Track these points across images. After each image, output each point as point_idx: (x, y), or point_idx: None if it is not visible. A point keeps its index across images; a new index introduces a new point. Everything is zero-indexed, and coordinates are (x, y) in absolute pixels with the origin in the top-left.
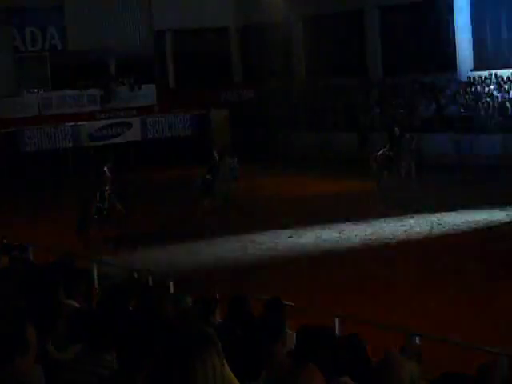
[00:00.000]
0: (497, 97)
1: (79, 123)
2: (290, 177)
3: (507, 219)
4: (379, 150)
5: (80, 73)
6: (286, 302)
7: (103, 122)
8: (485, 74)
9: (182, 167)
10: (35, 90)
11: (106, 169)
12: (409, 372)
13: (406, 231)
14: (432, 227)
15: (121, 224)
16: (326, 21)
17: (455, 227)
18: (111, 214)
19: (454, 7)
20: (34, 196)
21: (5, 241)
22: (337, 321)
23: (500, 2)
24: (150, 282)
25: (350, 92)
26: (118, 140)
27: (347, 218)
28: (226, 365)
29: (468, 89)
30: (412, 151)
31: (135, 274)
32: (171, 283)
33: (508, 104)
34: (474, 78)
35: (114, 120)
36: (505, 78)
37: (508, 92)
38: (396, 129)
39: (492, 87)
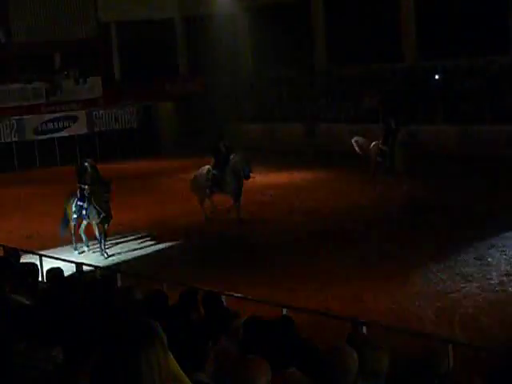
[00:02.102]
0: (442, 87)
1: (24, 117)
2: None
3: None
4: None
5: (24, 66)
6: (228, 293)
7: (48, 116)
8: (430, 64)
9: (130, 160)
10: None
11: (87, 164)
12: (356, 362)
13: None
14: None
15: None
16: (272, 11)
17: None
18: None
19: None
20: None
21: None
22: (284, 311)
23: None
24: (98, 276)
25: (296, 83)
26: (63, 134)
27: None
28: (171, 356)
29: (413, 79)
30: (407, 145)
31: (82, 268)
32: (119, 277)
33: (452, 94)
34: (419, 67)
35: (60, 114)
36: (450, 69)
37: (452, 82)
38: (392, 121)
39: (437, 77)
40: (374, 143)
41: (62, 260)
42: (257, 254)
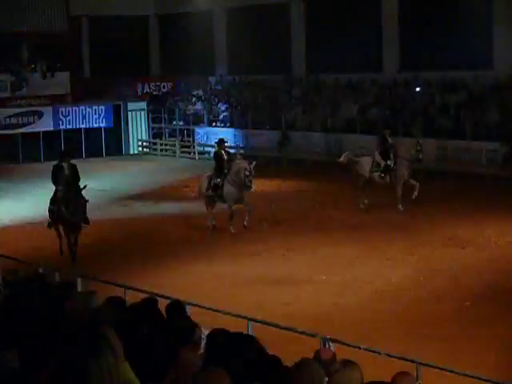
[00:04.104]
0: (420, 100)
1: None
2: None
3: None
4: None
5: None
6: (197, 303)
7: (12, 110)
8: (410, 75)
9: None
10: None
11: (65, 165)
12: (324, 379)
13: None
14: None
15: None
16: (251, 13)
17: None
18: (67, 217)
19: (382, 7)
20: None
21: None
22: (250, 324)
23: (425, 3)
24: (57, 279)
25: (272, 89)
26: (27, 129)
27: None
28: (126, 365)
29: (393, 90)
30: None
31: (40, 270)
32: (79, 281)
33: (432, 108)
34: (399, 79)
35: (25, 108)
36: (431, 81)
37: (433, 95)
38: (387, 134)
39: (418, 89)
40: (364, 159)
41: (20, 261)
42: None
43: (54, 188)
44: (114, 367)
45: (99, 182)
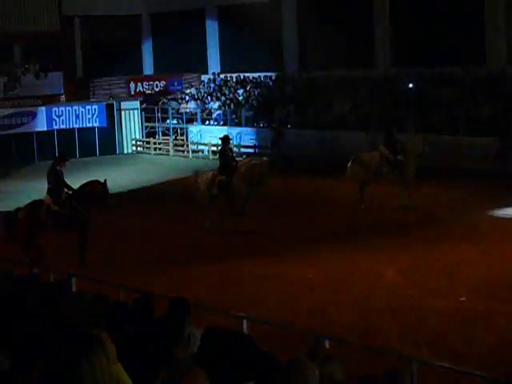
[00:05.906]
0: (415, 95)
1: None
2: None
3: None
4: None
5: None
6: (191, 302)
7: (6, 111)
8: (402, 71)
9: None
10: None
11: (58, 168)
12: (317, 376)
13: None
14: None
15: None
16: (243, 11)
17: None
18: (74, 219)
19: (374, 4)
20: None
21: None
22: (245, 323)
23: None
24: (52, 280)
25: (265, 87)
26: (21, 130)
27: None
28: (119, 365)
29: (386, 86)
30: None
31: (35, 271)
32: (73, 281)
33: (425, 104)
34: (391, 75)
35: (18, 109)
36: (424, 77)
37: (426, 91)
38: (394, 131)
39: (411, 86)
40: (370, 154)
41: (13, 262)
42: (217, 261)
43: (50, 191)
44: (107, 367)
45: None
